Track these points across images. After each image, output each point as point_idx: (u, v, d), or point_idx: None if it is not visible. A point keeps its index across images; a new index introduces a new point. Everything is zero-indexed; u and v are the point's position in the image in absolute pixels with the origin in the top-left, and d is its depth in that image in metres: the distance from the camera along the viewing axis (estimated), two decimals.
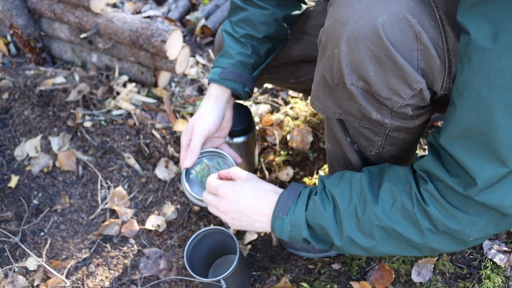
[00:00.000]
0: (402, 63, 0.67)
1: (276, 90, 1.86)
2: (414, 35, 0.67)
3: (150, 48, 1.61)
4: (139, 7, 2.44)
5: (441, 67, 0.69)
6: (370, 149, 0.87)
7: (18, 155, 1.61)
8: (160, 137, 1.60)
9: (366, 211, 0.77)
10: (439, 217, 0.71)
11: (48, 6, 1.73)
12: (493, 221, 0.69)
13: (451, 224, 0.71)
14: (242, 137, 1.32)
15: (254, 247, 1.41)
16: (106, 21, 1.66)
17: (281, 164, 1.57)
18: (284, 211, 0.84)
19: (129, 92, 1.76)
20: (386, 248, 0.79)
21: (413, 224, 0.74)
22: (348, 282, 1.22)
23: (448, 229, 0.72)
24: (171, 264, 1.36)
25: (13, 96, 1.71)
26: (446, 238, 0.74)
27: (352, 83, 0.73)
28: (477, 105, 0.61)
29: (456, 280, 1.13)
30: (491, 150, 0.62)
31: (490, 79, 0.58)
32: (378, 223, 0.76)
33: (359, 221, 0.78)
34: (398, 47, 0.67)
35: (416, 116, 0.77)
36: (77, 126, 1.62)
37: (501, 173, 0.62)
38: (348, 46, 0.70)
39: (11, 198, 1.52)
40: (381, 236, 0.78)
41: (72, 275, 1.33)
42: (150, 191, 1.51)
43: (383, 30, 0.66)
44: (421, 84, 0.70)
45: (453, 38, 0.68)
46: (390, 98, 0.72)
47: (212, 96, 1.08)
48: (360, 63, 0.70)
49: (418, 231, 0.75)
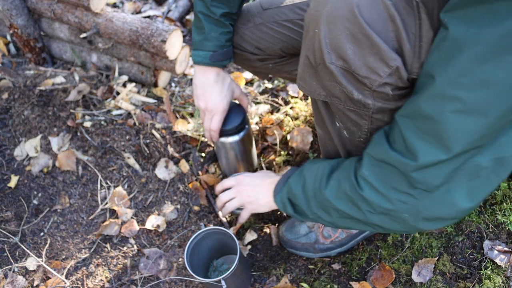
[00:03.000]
0: (377, 41, 0.71)
1: (276, 90, 1.86)
2: (389, 16, 0.70)
3: (150, 48, 1.61)
4: (139, 7, 2.44)
5: (410, 51, 0.73)
6: (358, 134, 0.91)
7: (18, 155, 1.61)
8: (160, 137, 1.60)
9: (320, 195, 0.92)
10: (373, 199, 0.81)
11: (48, 6, 1.73)
12: (422, 200, 0.77)
13: (384, 204, 0.80)
14: (235, 135, 1.30)
15: (254, 247, 1.41)
16: (106, 21, 1.66)
17: (281, 164, 1.56)
18: (277, 190, 1.06)
19: (129, 92, 1.76)
20: (345, 224, 0.93)
21: (355, 206, 0.86)
22: (348, 282, 1.22)
23: (383, 209, 0.81)
24: (171, 264, 1.35)
25: (12, 96, 1.71)
26: (386, 218, 0.83)
27: (332, 61, 0.76)
28: (435, 96, 0.68)
29: (457, 280, 1.13)
30: (438, 138, 0.69)
31: (451, 74, 0.65)
32: (330, 205, 0.90)
33: (319, 202, 0.93)
34: (373, 26, 0.70)
35: (398, 97, 0.80)
36: (77, 126, 1.62)
37: (440, 159, 0.71)
38: (327, 25, 0.73)
39: (10, 198, 1.52)
40: (336, 215, 0.91)
41: (72, 275, 1.32)
42: (150, 191, 1.51)
43: (358, 10, 0.70)
44: (397, 62, 0.73)
45: (427, 25, 0.71)
46: (368, 76, 0.75)
47: (211, 78, 1.18)
48: (339, 42, 0.73)
49: (361, 212, 0.85)
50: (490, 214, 1.19)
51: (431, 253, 1.19)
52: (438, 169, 0.72)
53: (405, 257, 1.21)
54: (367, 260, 1.25)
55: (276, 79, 1.91)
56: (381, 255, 1.24)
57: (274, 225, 1.43)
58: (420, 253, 1.20)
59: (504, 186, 1.22)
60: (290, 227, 1.34)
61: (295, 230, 1.32)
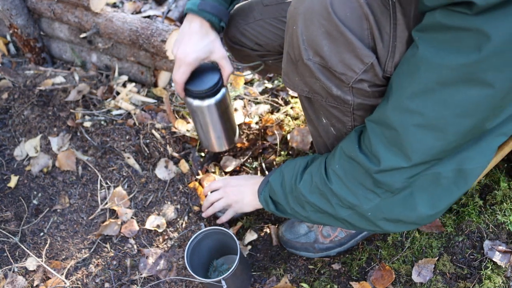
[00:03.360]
0: (351, 38, 0.72)
1: (276, 90, 1.86)
2: (363, 14, 0.71)
3: (150, 48, 1.61)
4: (139, 6, 2.44)
5: (384, 50, 0.74)
6: (344, 131, 0.92)
7: (18, 155, 1.61)
8: (160, 137, 1.60)
9: (296, 189, 0.96)
10: (341, 192, 0.85)
11: (47, 6, 1.73)
12: (385, 200, 0.81)
13: (351, 199, 0.84)
14: (206, 99, 1.15)
15: (254, 247, 1.41)
16: (106, 20, 1.66)
17: (281, 164, 1.56)
18: (260, 190, 1.11)
19: (129, 92, 1.76)
20: (318, 219, 0.97)
21: (326, 200, 0.89)
22: (348, 282, 1.22)
23: (349, 203, 0.85)
24: (171, 264, 1.35)
25: (12, 96, 1.71)
26: (353, 214, 0.87)
27: (309, 58, 0.77)
28: (401, 108, 0.71)
29: (457, 280, 1.13)
30: (400, 147, 0.74)
31: (415, 90, 0.68)
32: (304, 199, 0.94)
33: (295, 197, 0.97)
34: (347, 24, 0.71)
35: (378, 93, 0.81)
36: (76, 126, 1.62)
37: (401, 165, 0.76)
38: (304, 22, 0.74)
39: (10, 198, 1.51)
40: (310, 209, 0.95)
41: (72, 275, 1.32)
42: (150, 191, 1.51)
43: (331, 7, 0.71)
44: (372, 59, 0.74)
45: (402, 25, 0.72)
46: (345, 73, 0.76)
47: (193, 28, 1.07)
48: (315, 39, 0.74)
49: (331, 206, 0.89)
50: (490, 214, 1.19)
51: (431, 253, 1.19)
52: (399, 174, 0.77)
53: (405, 257, 1.21)
54: (367, 260, 1.25)
55: (276, 79, 1.91)
56: (381, 255, 1.24)
57: (274, 225, 1.43)
58: (420, 253, 1.20)
59: (504, 186, 1.22)
60: (290, 227, 1.34)
61: (295, 230, 1.32)
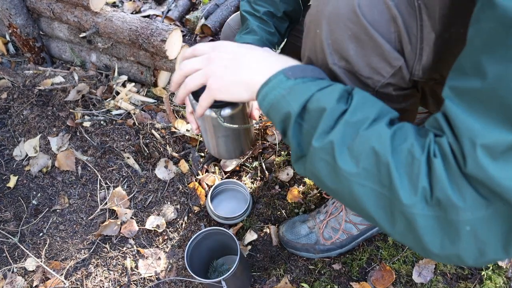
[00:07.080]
0: (380, 41, 0.69)
1: None
2: (391, 17, 0.69)
3: (149, 48, 1.60)
4: (138, 6, 2.43)
5: (412, 53, 0.72)
6: None
7: (17, 155, 1.60)
8: (159, 137, 1.60)
9: (373, 128, 0.59)
10: (443, 177, 0.54)
11: (47, 5, 1.72)
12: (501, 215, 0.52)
13: (453, 194, 0.53)
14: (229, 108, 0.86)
15: (254, 247, 1.40)
16: (106, 20, 1.65)
17: (281, 164, 1.56)
18: (296, 73, 0.66)
19: (128, 92, 1.76)
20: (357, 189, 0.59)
21: (411, 174, 0.56)
22: (349, 282, 1.22)
23: (446, 198, 0.54)
24: (171, 264, 1.35)
25: (12, 95, 1.70)
26: (434, 215, 0.55)
27: (334, 62, 0.74)
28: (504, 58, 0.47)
29: (457, 280, 1.13)
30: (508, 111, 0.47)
31: None
32: (377, 147, 0.57)
33: (357, 136, 0.59)
34: (376, 27, 0.69)
35: (401, 97, 0.79)
36: (76, 126, 1.62)
37: None
38: (329, 26, 0.72)
39: (10, 198, 1.51)
40: (366, 167, 0.58)
41: (71, 276, 1.32)
42: (150, 191, 1.51)
43: (360, 10, 0.68)
44: (400, 62, 0.72)
45: (428, 27, 0.70)
46: (371, 77, 0.74)
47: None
48: (341, 43, 0.72)
49: (411, 186, 0.56)
50: None
51: None
52: None
53: (405, 257, 1.21)
54: (367, 261, 1.25)
55: None
56: (382, 256, 1.24)
57: (274, 225, 1.42)
58: None
59: None
60: (291, 228, 1.34)
61: (296, 230, 1.32)
